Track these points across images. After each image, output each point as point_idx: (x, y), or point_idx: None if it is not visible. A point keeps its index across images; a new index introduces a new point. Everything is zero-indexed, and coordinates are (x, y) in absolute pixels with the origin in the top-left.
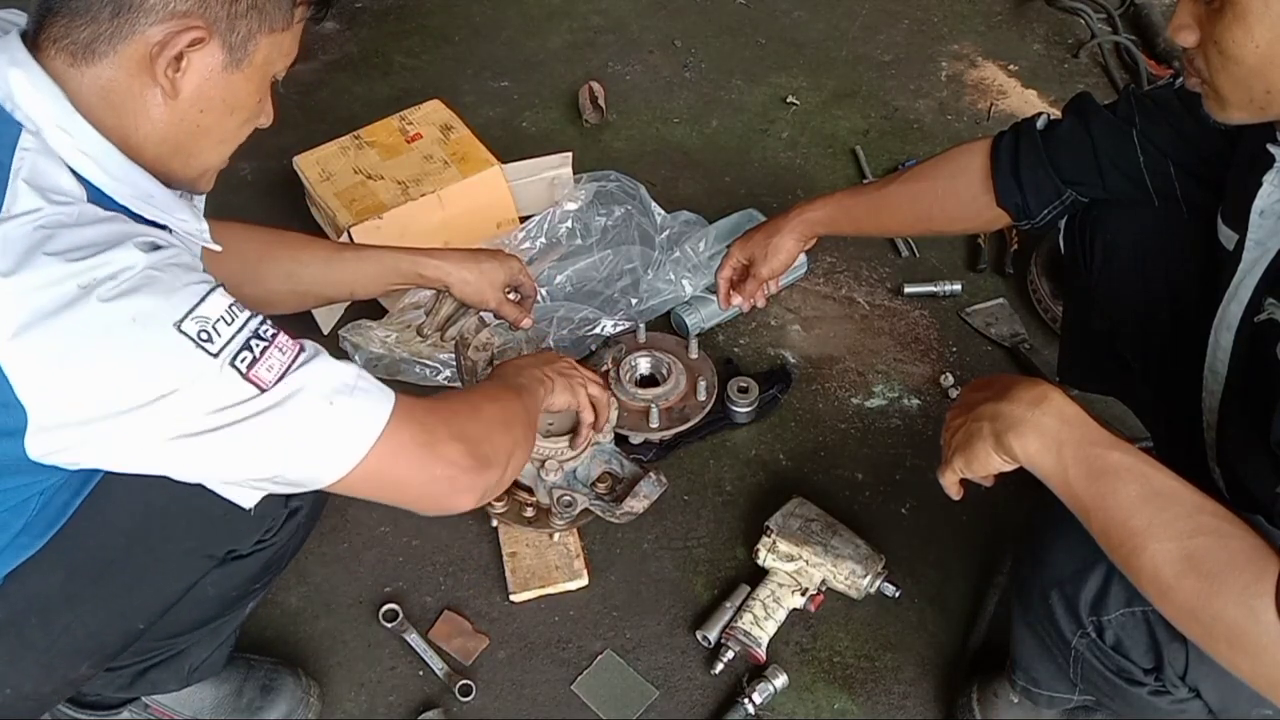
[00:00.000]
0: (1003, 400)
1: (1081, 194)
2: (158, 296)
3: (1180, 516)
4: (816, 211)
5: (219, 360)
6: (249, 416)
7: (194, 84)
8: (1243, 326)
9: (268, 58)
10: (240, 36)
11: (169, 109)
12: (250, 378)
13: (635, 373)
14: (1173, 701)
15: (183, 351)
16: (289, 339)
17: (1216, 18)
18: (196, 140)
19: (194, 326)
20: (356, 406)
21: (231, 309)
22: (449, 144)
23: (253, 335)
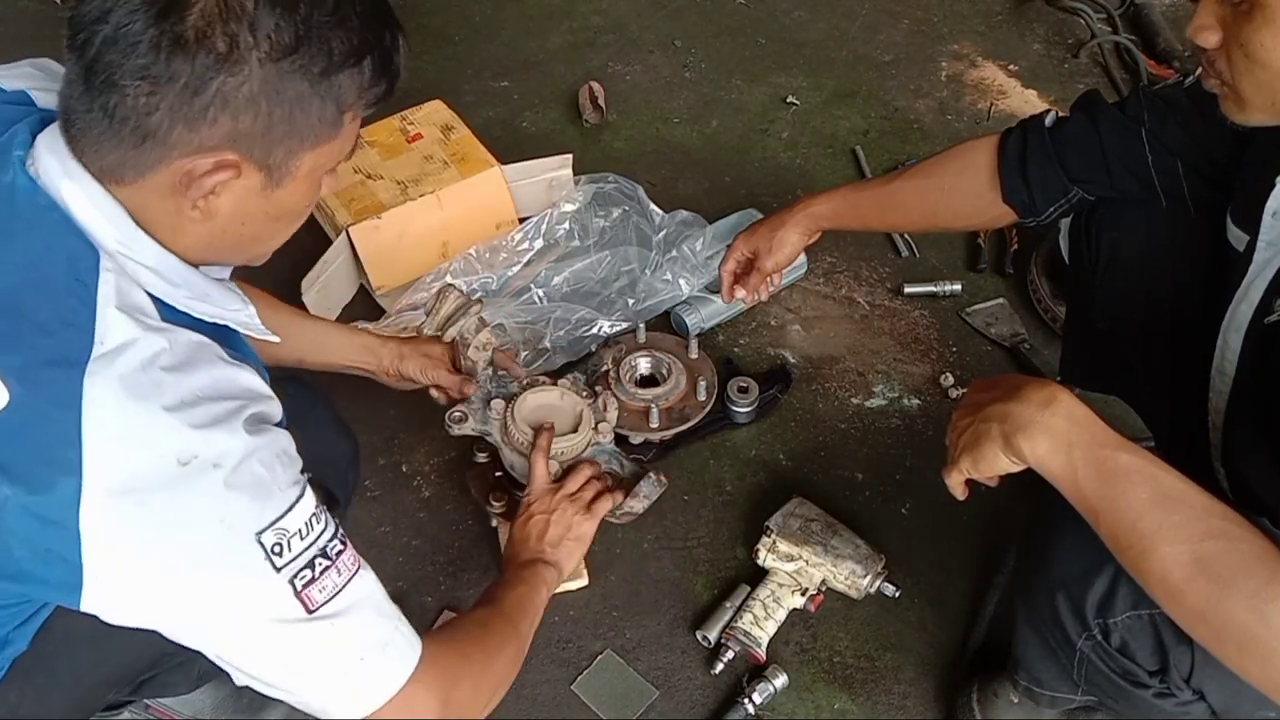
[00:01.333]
0: (1011, 401)
1: (1088, 192)
2: (252, 501)
3: (1190, 519)
4: (821, 205)
5: (281, 576)
6: (283, 632)
7: (230, 205)
8: (1252, 328)
9: (314, 168)
10: (279, 158)
11: (207, 227)
12: (302, 596)
13: (635, 373)
14: (1177, 704)
15: (253, 563)
16: (350, 558)
17: (1244, 20)
18: (241, 246)
19: (271, 538)
20: (383, 665)
21: (310, 521)
22: (449, 144)
23: (319, 553)
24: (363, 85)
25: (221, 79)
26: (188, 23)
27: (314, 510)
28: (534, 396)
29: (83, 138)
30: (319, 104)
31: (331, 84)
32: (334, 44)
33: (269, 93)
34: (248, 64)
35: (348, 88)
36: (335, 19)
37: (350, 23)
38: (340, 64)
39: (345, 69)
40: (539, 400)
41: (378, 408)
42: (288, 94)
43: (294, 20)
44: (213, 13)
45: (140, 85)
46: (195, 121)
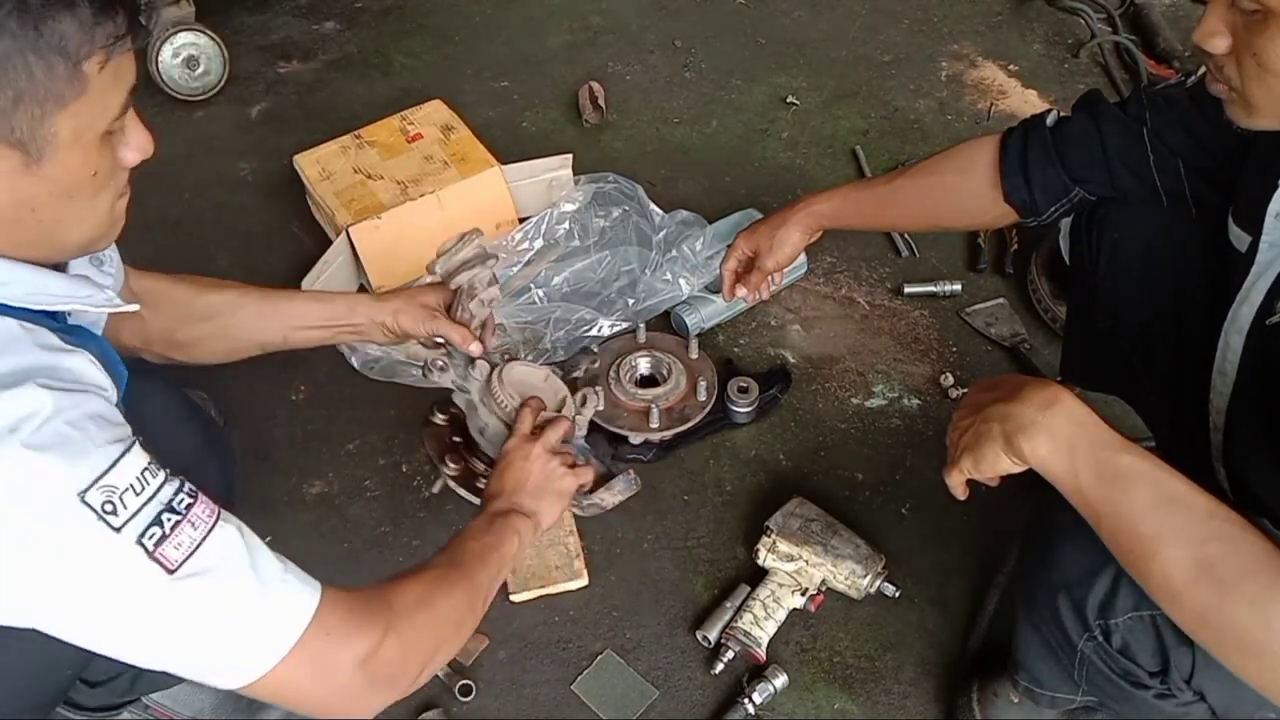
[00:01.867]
0: (1013, 401)
1: (1090, 192)
2: (62, 460)
3: (1192, 522)
4: (822, 204)
5: (124, 536)
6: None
7: (4, 192)
8: (1254, 329)
9: (78, 130)
10: (26, 129)
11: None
12: (157, 556)
13: (635, 373)
14: (1177, 705)
15: (85, 526)
16: (205, 509)
17: (1257, 29)
18: (50, 232)
19: (98, 497)
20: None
21: (144, 475)
22: (449, 144)
23: (164, 508)
24: (85, 25)
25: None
26: None
27: (146, 465)
28: (520, 369)
29: None
30: (37, 60)
31: (41, 34)
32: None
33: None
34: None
35: (68, 33)
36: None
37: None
38: (41, 9)
39: (52, 13)
40: (524, 374)
41: (377, 408)
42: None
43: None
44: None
45: None
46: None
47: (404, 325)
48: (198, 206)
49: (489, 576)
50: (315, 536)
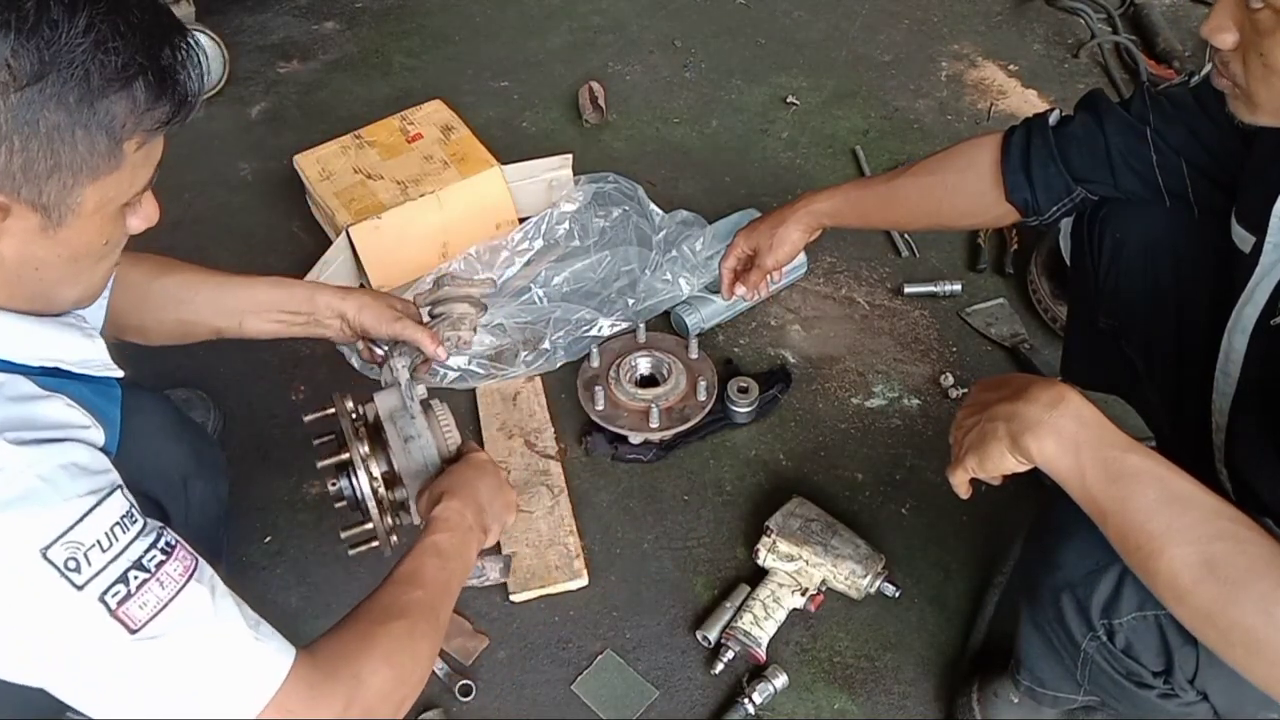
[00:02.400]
0: (1019, 400)
1: (1092, 191)
2: (26, 516)
3: (1199, 521)
4: (823, 203)
5: (85, 594)
6: (108, 658)
7: (14, 249)
8: (1258, 330)
9: (102, 202)
10: (53, 195)
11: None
12: (119, 615)
13: (635, 373)
14: (1181, 704)
15: (45, 583)
16: (177, 569)
17: (1266, 30)
18: (47, 290)
19: (62, 554)
20: (238, 684)
21: (113, 531)
22: (449, 144)
23: (132, 565)
24: (137, 109)
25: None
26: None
27: (118, 520)
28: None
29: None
30: (84, 134)
31: (95, 111)
32: (91, 68)
33: (19, 126)
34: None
35: (119, 114)
36: (90, 40)
37: (110, 43)
38: (102, 89)
39: (110, 94)
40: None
41: None
42: (41, 126)
43: (36, 45)
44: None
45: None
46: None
47: (365, 321)
48: (198, 206)
49: (449, 605)
50: (315, 536)
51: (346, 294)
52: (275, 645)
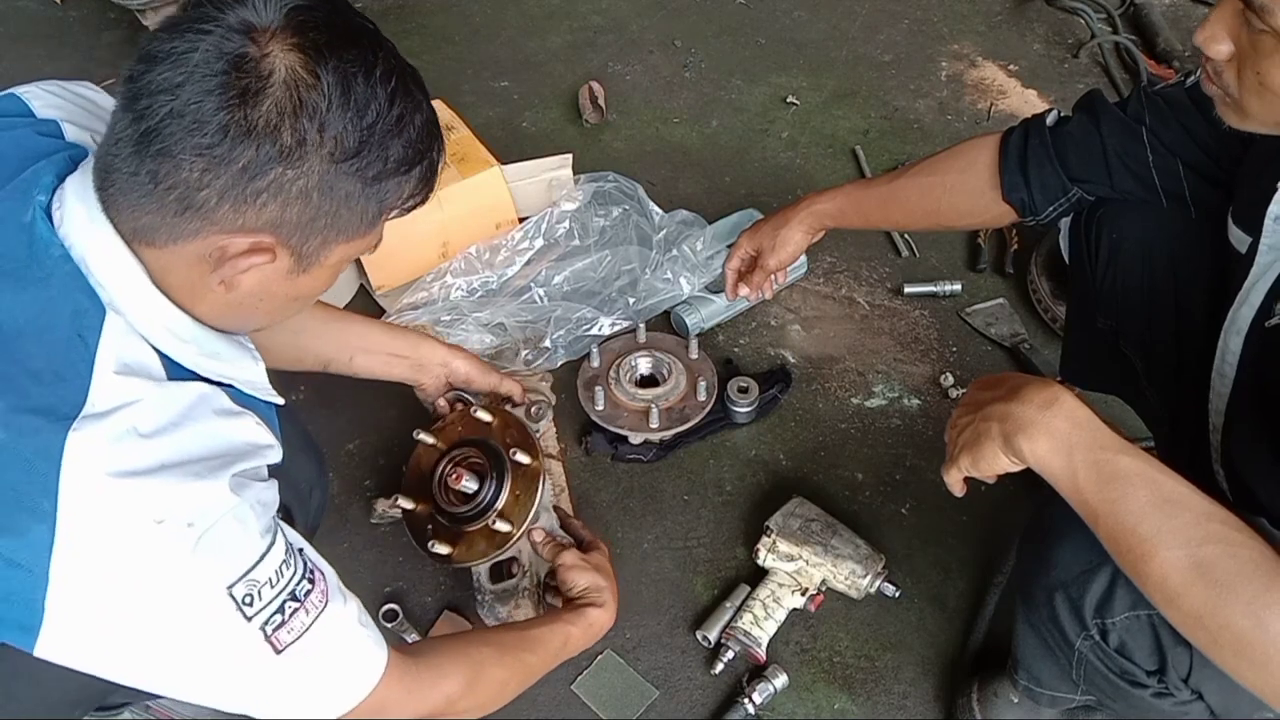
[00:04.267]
0: (1013, 401)
1: (1088, 192)
2: (223, 557)
3: (1190, 524)
4: (825, 204)
5: (251, 625)
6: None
7: (255, 283)
8: (1253, 331)
9: (343, 257)
10: (314, 247)
11: (226, 299)
12: (271, 640)
13: (635, 373)
14: (1175, 704)
15: (223, 616)
16: (318, 595)
17: (1263, 48)
18: (253, 318)
19: (242, 590)
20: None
21: (281, 568)
22: (449, 144)
23: (289, 597)
24: (405, 194)
25: (280, 169)
26: (259, 111)
27: (284, 557)
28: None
29: (120, 197)
30: (364, 204)
31: (381, 188)
32: (391, 151)
33: (323, 188)
34: (309, 160)
35: (393, 192)
36: (398, 128)
37: (408, 133)
38: (393, 171)
39: (396, 176)
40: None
41: (377, 408)
42: (339, 192)
43: (360, 125)
44: (286, 107)
45: (198, 161)
46: (244, 204)
47: (465, 371)
48: None
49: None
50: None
51: (451, 348)
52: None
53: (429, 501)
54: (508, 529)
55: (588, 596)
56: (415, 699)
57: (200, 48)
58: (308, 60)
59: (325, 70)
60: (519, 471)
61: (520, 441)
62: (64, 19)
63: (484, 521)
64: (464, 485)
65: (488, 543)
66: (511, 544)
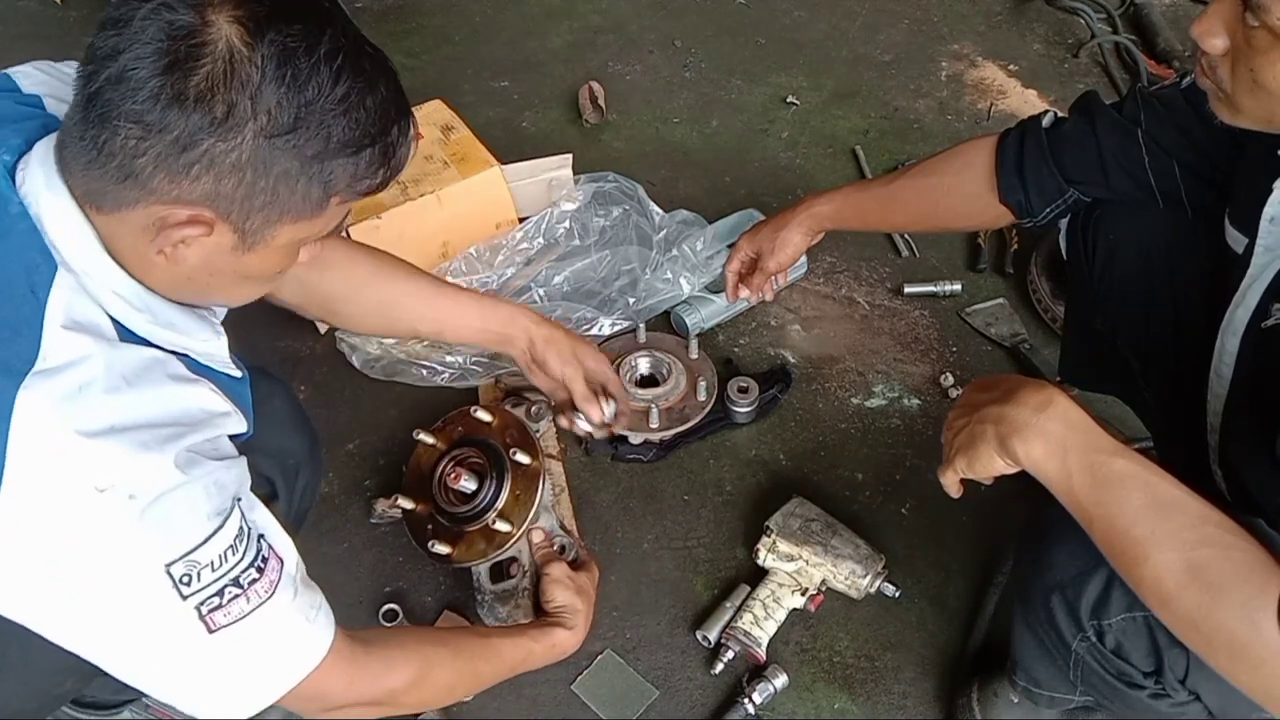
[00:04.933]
0: (1008, 403)
1: (1084, 193)
2: (164, 535)
3: (1184, 527)
4: (824, 206)
5: (187, 604)
6: (177, 650)
7: (198, 258)
8: (1249, 331)
9: (291, 240)
10: (255, 225)
11: (172, 271)
12: (205, 619)
13: (635, 373)
14: (1172, 704)
15: (158, 592)
16: (264, 585)
17: (1259, 46)
18: (208, 294)
19: (181, 569)
20: (275, 662)
21: (226, 553)
22: (449, 144)
23: (231, 582)
24: (356, 175)
25: (212, 141)
26: (192, 81)
27: (232, 541)
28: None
29: (71, 161)
30: (305, 183)
31: (323, 168)
32: (333, 131)
33: (256, 164)
34: (241, 133)
35: (340, 174)
36: (341, 108)
37: (356, 113)
38: (335, 151)
39: (340, 156)
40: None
41: (377, 408)
42: (275, 168)
43: (297, 101)
44: (219, 77)
45: (133, 129)
46: (178, 174)
47: (547, 356)
48: None
49: (494, 672)
50: (314, 535)
51: (543, 321)
52: (322, 625)
53: (429, 501)
54: (507, 529)
55: (560, 615)
56: (355, 689)
57: (140, 14)
58: (245, 32)
59: (262, 42)
60: (519, 471)
61: (520, 441)
62: (64, 19)
63: (484, 521)
64: (464, 485)
65: (487, 543)
66: (511, 544)
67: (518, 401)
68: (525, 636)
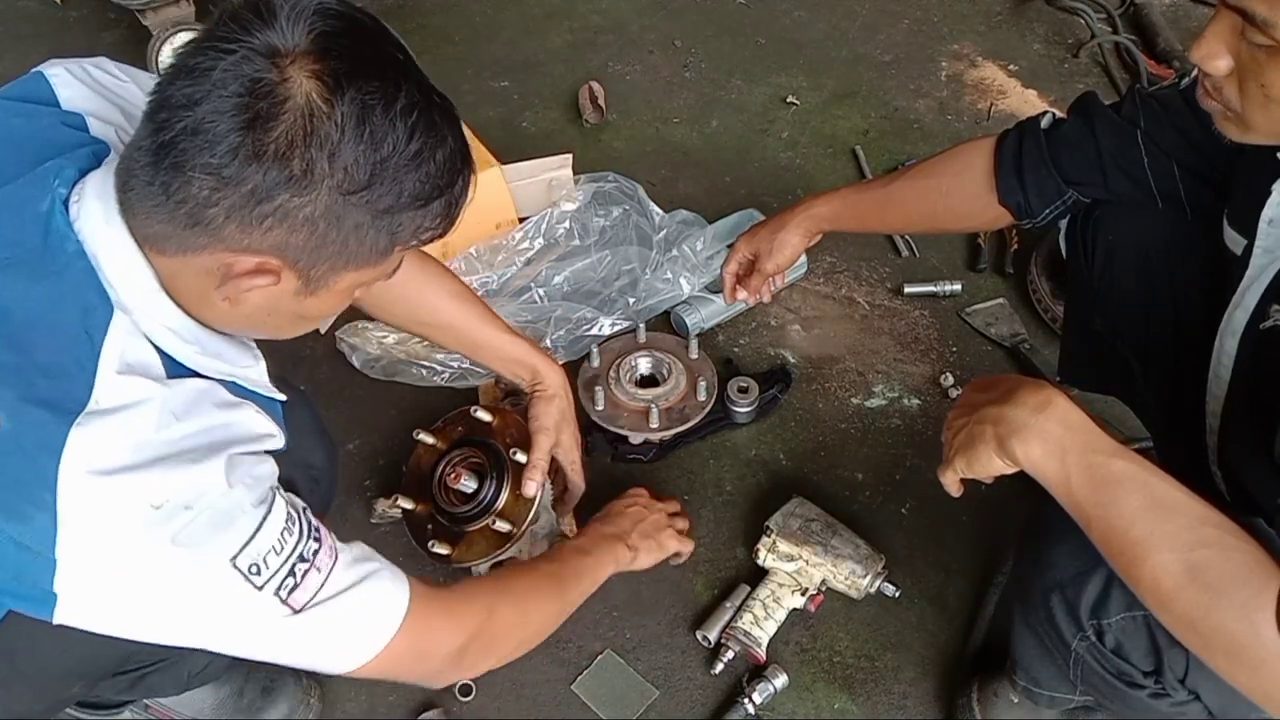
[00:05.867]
0: (1006, 404)
1: (1084, 194)
2: (221, 533)
3: (1183, 528)
4: (822, 207)
5: (264, 592)
6: (271, 630)
7: (260, 300)
8: (1248, 333)
9: (352, 284)
10: (321, 273)
11: (233, 313)
12: (288, 602)
13: (635, 373)
14: (1172, 704)
15: (232, 588)
16: (326, 551)
17: (1268, 61)
18: (259, 330)
19: (247, 561)
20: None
21: (283, 535)
22: None
23: (297, 559)
24: (422, 226)
25: (287, 196)
26: (271, 136)
27: (284, 524)
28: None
29: (136, 202)
30: (374, 235)
31: (393, 220)
32: (405, 186)
33: (329, 218)
34: (317, 189)
35: (407, 225)
36: (414, 163)
37: (428, 167)
38: (407, 205)
39: (410, 209)
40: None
41: (377, 408)
42: (347, 222)
43: (374, 159)
44: (298, 134)
45: (207, 179)
46: (250, 225)
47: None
48: None
49: (580, 593)
50: None
51: (551, 363)
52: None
53: (429, 501)
54: (508, 529)
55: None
56: (454, 620)
57: (220, 66)
58: (325, 88)
59: (342, 100)
60: (519, 471)
61: (520, 441)
62: (64, 19)
63: (484, 521)
64: (464, 485)
65: (488, 543)
66: (511, 544)
67: (517, 401)
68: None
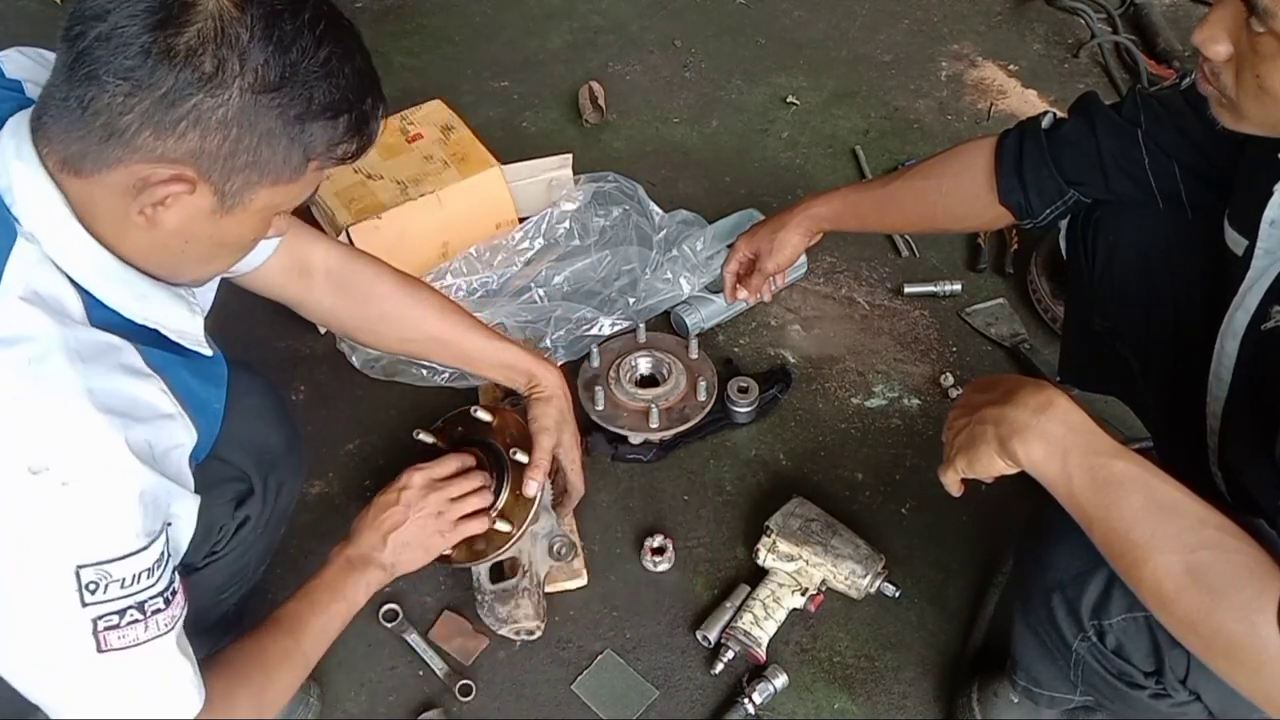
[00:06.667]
0: (1007, 404)
1: (1084, 194)
2: (86, 534)
3: (1184, 530)
4: (822, 207)
5: (85, 612)
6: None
7: (177, 220)
8: (1249, 334)
9: (268, 205)
10: (236, 186)
11: (149, 236)
12: (98, 636)
13: (635, 373)
14: (1173, 704)
15: (60, 590)
16: (165, 619)
17: (1265, 51)
18: (181, 264)
19: (91, 575)
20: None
21: (141, 575)
22: (449, 144)
23: (135, 605)
24: (333, 139)
25: (200, 97)
26: (182, 38)
27: (149, 566)
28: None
29: (52, 125)
30: (286, 144)
31: (304, 129)
32: (315, 93)
33: (242, 121)
34: (229, 90)
35: (318, 137)
36: (323, 70)
37: (337, 79)
38: (317, 113)
39: (320, 119)
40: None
41: (377, 408)
42: (259, 127)
43: (283, 61)
44: (208, 34)
45: (121, 85)
46: (164, 131)
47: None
48: None
49: (325, 643)
50: (314, 535)
51: (546, 367)
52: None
53: None
54: (508, 529)
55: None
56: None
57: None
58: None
59: (251, 4)
60: (519, 471)
61: (520, 441)
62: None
63: None
64: None
65: (488, 543)
66: (511, 544)
67: (517, 401)
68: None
